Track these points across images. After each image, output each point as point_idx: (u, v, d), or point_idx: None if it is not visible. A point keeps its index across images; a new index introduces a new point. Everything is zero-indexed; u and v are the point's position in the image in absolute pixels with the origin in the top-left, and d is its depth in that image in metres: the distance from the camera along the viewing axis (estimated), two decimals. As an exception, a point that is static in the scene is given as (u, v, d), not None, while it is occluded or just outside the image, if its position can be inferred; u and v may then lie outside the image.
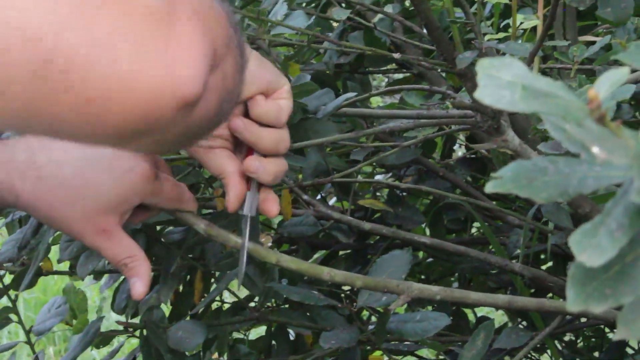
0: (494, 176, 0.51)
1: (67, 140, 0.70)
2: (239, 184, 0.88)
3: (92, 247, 0.88)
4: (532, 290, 1.53)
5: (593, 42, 1.11)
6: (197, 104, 0.63)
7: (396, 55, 1.20)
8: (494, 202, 1.55)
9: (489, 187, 0.50)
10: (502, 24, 1.37)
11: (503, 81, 0.49)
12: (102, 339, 1.32)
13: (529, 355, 1.65)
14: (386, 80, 2.29)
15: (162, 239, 1.23)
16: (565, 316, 1.18)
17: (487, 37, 1.01)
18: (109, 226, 0.86)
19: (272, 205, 0.91)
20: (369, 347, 1.47)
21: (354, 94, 1.28)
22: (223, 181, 0.89)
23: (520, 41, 1.17)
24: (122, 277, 1.38)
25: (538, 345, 1.60)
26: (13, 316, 1.14)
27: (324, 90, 1.25)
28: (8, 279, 1.25)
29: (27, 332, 1.13)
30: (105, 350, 3.05)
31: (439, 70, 1.18)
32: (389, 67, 1.63)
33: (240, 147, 0.90)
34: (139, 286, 0.89)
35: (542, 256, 1.60)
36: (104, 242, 0.87)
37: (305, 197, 1.36)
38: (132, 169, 0.86)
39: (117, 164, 0.85)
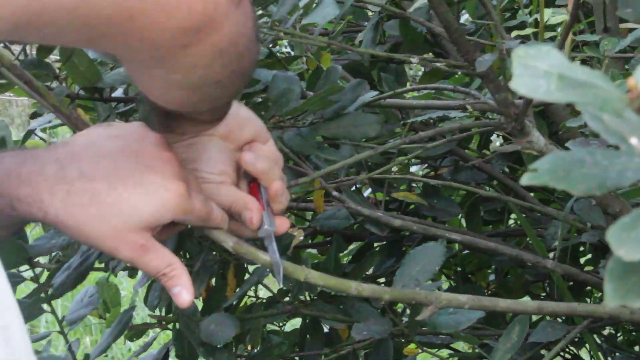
0: (531, 168, 0.49)
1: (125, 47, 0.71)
2: (256, 202, 0.92)
3: (129, 262, 0.85)
4: (570, 283, 1.50)
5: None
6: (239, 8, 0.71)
7: (413, 60, 1.18)
8: (532, 194, 1.53)
9: (525, 180, 0.48)
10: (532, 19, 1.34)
11: (539, 71, 0.47)
12: (136, 331, 1.32)
13: (567, 350, 1.62)
14: (423, 69, 2.27)
15: (194, 234, 1.22)
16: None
17: (513, 34, 0.99)
18: (144, 241, 0.83)
19: (283, 221, 0.95)
20: (403, 340, 1.46)
21: (375, 93, 1.27)
22: (236, 206, 0.91)
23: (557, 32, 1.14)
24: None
25: (576, 339, 1.57)
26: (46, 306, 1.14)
27: (357, 81, 1.24)
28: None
29: (60, 322, 1.13)
30: (141, 342, 3.08)
31: (459, 72, 1.17)
32: (425, 56, 1.60)
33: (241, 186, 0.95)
34: (185, 295, 0.87)
35: (582, 248, 1.57)
36: (141, 257, 0.84)
37: (335, 193, 1.34)
38: (166, 186, 0.83)
39: (151, 180, 0.83)
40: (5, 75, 1.00)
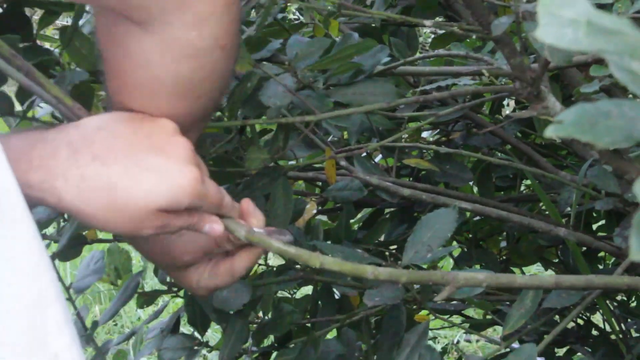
0: (556, 120, 0.47)
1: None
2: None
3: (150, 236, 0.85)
4: (584, 248, 1.49)
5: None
6: None
7: (427, 23, 1.16)
8: (545, 159, 1.51)
9: (549, 132, 0.47)
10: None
11: (565, 19, 0.46)
12: (147, 298, 1.32)
13: (580, 315, 1.62)
14: (433, 36, 2.24)
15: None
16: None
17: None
18: (162, 221, 0.81)
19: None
20: (414, 307, 1.45)
21: (387, 59, 1.26)
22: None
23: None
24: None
25: (589, 305, 1.57)
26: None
27: (379, 47, 1.22)
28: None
29: (67, 289, 1.12)
30: (150, 310, 3.09)
31: (474, 36, 1.15)
32: (437, 19, 1.58)
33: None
34: (215, 226, 0.86)
35: (595, 214, 1.56)
36: (162, 230, 0.83)
37: (343, 163, 1.32)
38: (181, 170, 0.80)
39: (166, 164, 0.80)
40: (3, 69, 0.98)
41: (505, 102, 1.65)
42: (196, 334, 1.25)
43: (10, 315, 0.63)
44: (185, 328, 2.31)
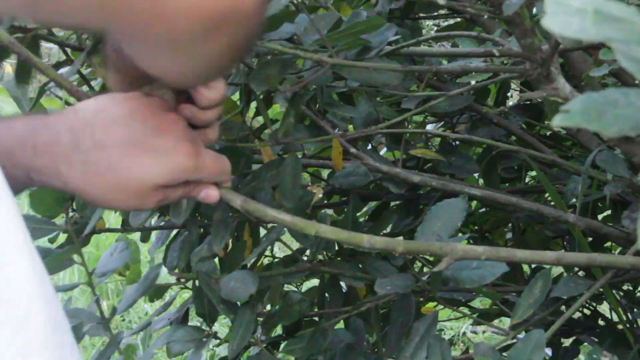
0: (563, 109, 0.48)
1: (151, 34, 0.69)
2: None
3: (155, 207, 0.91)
4: (590, 239, 1.49)
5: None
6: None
7: (441, 1, 1.16)
8: (551, 150, 1.52)
9: (557, 121, 0.47)
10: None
11: (572, 8, 0.46)
12: (155, 291, 1.32)
13: (587, 305, 1.62)
14: (435, 29, 2.25)
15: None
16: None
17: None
18: (163, 194, 0.88)
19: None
20: (421, 299, 1.46)
21: (398, 37, 1.26)
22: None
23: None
24: (172, 235, 1.39)
25: (596, 295, 1.57)
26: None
27: (386, 25, 1.21)
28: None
29: (90, 274, 1.14)
30: (158, 305, 3.09)
31: (486, 16, 1.14)
32: (440, 12, 1.59)
33: None
34: (211, 191, 0.93)
35: (600, 204, 1.56)
36: (164, 202, 0.89)
37: (353, 150, 1.33)
38: (175, 147, 0.86)
39: (161, 143, 0.86)
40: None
41: (509, 94, 1.65)
42: (204, 327, 1.25)
43: None
44: (194, 321, 2.32)
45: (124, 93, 0.89)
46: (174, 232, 1.41)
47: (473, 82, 1.28)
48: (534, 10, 1.05)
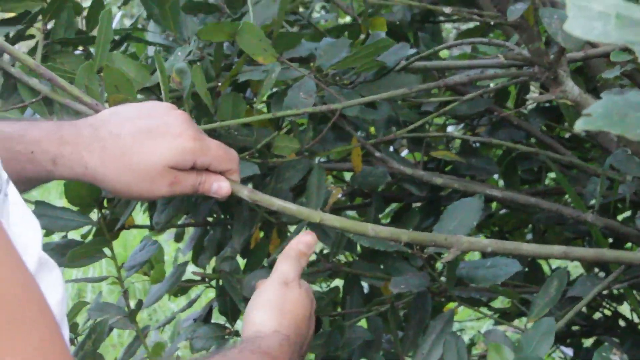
0: (585, 113, 0.48)
1: None
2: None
3: (169, 195, 1.00)
4: (610, 240, 1.50)
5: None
6: None
7: (447, 10, 1.18)
8: (570, 152, 1.53)
9: (579, 125, 0.48)
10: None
11: (594, 12, 0.47)
12: (179, 289, 1.35)
13: (608, 305, 1.63)
14: (454, 31, 2.26)
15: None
16: (629, 265, 1.16)
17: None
18: (175, 176, 0.98)
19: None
20: (443, 299, 1.47)
21: (414, 51, 1.29)
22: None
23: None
24: (206, 235, 1.42)
25: (616, 295, 1.58)
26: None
27: (400, 45, 1.25)
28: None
29: (119, 268, 1.18)
30: (183, 303, 3.12)
31: (492, 23, 1.17)
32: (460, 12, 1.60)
33: None
34: (223, 184, 1.02)
35: (619, 205, 1.57)
36: (176, 187, 0.99)
37: (377, 154, 1.35)
38: (181, 133, 0.98)
39: (167, 130, 0.98)
40: (24, 81, 1.09)
41: (528, 96, 1.66)
42: (227, 324, 1.28)
43: None
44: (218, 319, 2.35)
45: (134, 103, 1.05)
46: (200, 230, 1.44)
47: (492, 85, 1.30)
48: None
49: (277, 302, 0.97)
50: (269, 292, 0.99)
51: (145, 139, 0.97)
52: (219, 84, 1.20)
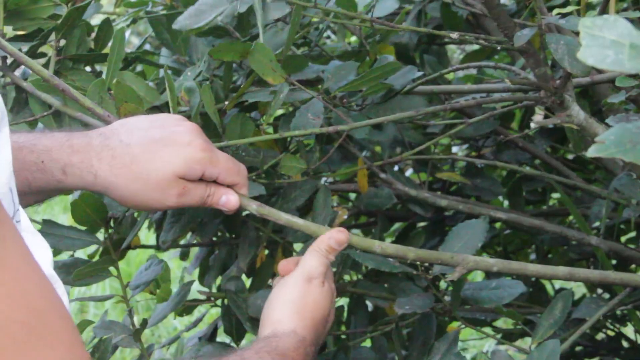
0: (597, 140, 0.49)
1: None
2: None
3: (177, 206, 1.00)
4: (614, 262, 1.51)
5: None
6: None
7: (454, 35, 1.19)
8: (575, 173, 1.53)
9: (592, 152, 0.48)
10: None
11: (607, 40, 0.47)
12: (185, 307, 1.36)
13: (611, 326, 1.63)
14: (458, 52, 2.27)
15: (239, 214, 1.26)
16: (634, 288, 1.16)
17: (555, 12, 0.99)
18: (183, 186, 0.98)
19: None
20: (446, 318, 1.48)
21: (421, 73, 1.30)
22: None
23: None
24: (211, 254, 1.42)
25: (619, 316, 1.58)
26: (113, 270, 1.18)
27: (407, 68, 1.27)
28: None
29: (124, 287, 1.18)
30: (187, 320, 3.10)
31: (499, 47, 1.18)
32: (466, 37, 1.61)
33: None
34: (231, 198, 1.02)
35: (623, 227, 1.58)
36: (185, 198, 0.98)
37: (382, 175, 1.36)
38: (190, 142, 0.98)
39: (177, 139, 0.98)
40: (36, 95, 1.10)
41: (533, 119, 1.67)
42: (232, 344, 1.28)
43: None
44: (222, 338, 2.35)
45: (145, 115, 1.04)
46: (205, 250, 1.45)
47: (497, 107, 1.31)
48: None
49: (298, 301, 0.96)
50: (291, 289, 0.98)
51: (155, 148, 0.97)
52: (226, 103, 1.21)
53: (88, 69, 1.30)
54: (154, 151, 0.96)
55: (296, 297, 0.97)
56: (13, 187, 0.70)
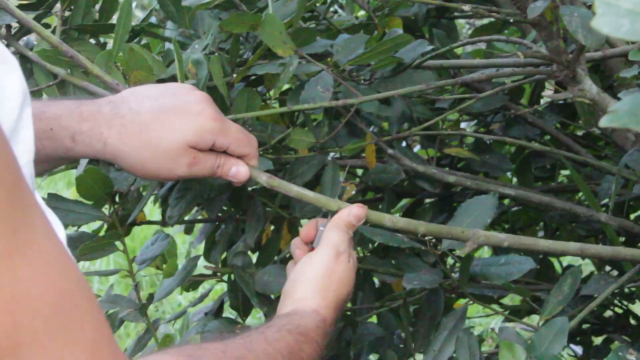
0: (610, 110, 0.48)
1: None
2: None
3: (187, 176, 0.98)
4: (623, 239, 1.49)
5: None
6: None
7: (465, 7, 1.18)
8: (584, 150, 1.52)
9: (604, 122, 0.47)
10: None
11: (622, 9, 0.46)
12: (191, 283, 1.35)
13: (619, 304, 1.62)
14: (467, 27, 2.25)
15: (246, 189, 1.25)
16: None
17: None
18: (194, 156, 0.96)
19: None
20: (453, 295, 1.47)
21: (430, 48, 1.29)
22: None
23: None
24: (217, 229, 1.41)
25: (627, 294, 1.57)
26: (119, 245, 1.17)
27: (418, 41, 1.25)
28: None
29: (130, 261, 1.18)
30: (191, 296, 3.10)
31: (511, 20, 1.16)
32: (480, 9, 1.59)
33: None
34: (241, 169, 1.01)
35: (632, 203, 1.56)
36: (195, 167, 0.97)
37: (390, 151, 1.35)
38: (201, 112, 0.97)
39: (188, 108, 0.96)
40: (41, 65, 1.09)
41: (544, 94, 1.66)
42: (238, 319, 1.28)
43: None
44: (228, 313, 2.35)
45: (156, 84, 1.04)
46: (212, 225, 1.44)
47: (507, 82, 1.29)
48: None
49: (324, 279, 0.95)
50: (318, 265, 0.96)
51: (165, 117, 0.96)
52: (233, 76, 1.19)
53: (92, 41, 1.29)
54: (165, 119, 0.95)
55: (322, 273, 0.96)
56: (32, 169, 0.69)
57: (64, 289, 0.57)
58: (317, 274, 0.96)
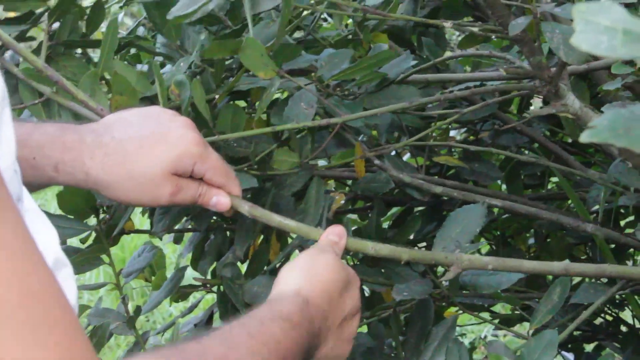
0: (590, 125, 0.48)
1: None
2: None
3: (170, 204, 0.98)
4: (613, 246, 1.50)
5: None
6: None
7: (447, 24, 1.18)
8: (573, 157, 1.52)
9: (584, 137, 0.48)
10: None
11: (601, 26, 0.46)
12: (181, 294, 1.35)
13: (609, 311, 1.63)
14: (457, 34, 2.25)
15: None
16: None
17: (550, -1, 0.98)
18: (176, 183, 0.97)
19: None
20: (444, 304, 1.47)
21: (414, 62, 1.29)
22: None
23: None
24: (206, 239, 1.41)
25: (617, 301, 1.58)
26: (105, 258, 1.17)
27: (402, 56, 1.25)
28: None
29: (117, 275, 1.17)
30: (182, 306, 3.10)
31: (494, 37, 1.17)
32: (465, 20, 1.60)
33: None
34: (222, 199, 1.01)
35: (623, 211, 1.57)
36: (178, 195, 0.97)
37: (377, 162, 1.35)
38: (183, 136, 0.97)
39: (170, 134, 0.97)
40: (27, 82, 1.09)
41: (533, 101, 1.66)
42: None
43: None
44: (218, 324, 2.34)
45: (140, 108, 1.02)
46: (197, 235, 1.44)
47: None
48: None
49: (306, 264, 0.93)
50: (302, 256, 0.95)
51: (147, 145, 0.96)
52: (216, 96, 1.20)
53: (79, 50, 1.29)
54: (147, 148, 0.96)
55: (304, 262, 0.93)
56: (18, 169, 0.69)
57: (31, 290, 0.57)
58: (300, 262, 0.94)
